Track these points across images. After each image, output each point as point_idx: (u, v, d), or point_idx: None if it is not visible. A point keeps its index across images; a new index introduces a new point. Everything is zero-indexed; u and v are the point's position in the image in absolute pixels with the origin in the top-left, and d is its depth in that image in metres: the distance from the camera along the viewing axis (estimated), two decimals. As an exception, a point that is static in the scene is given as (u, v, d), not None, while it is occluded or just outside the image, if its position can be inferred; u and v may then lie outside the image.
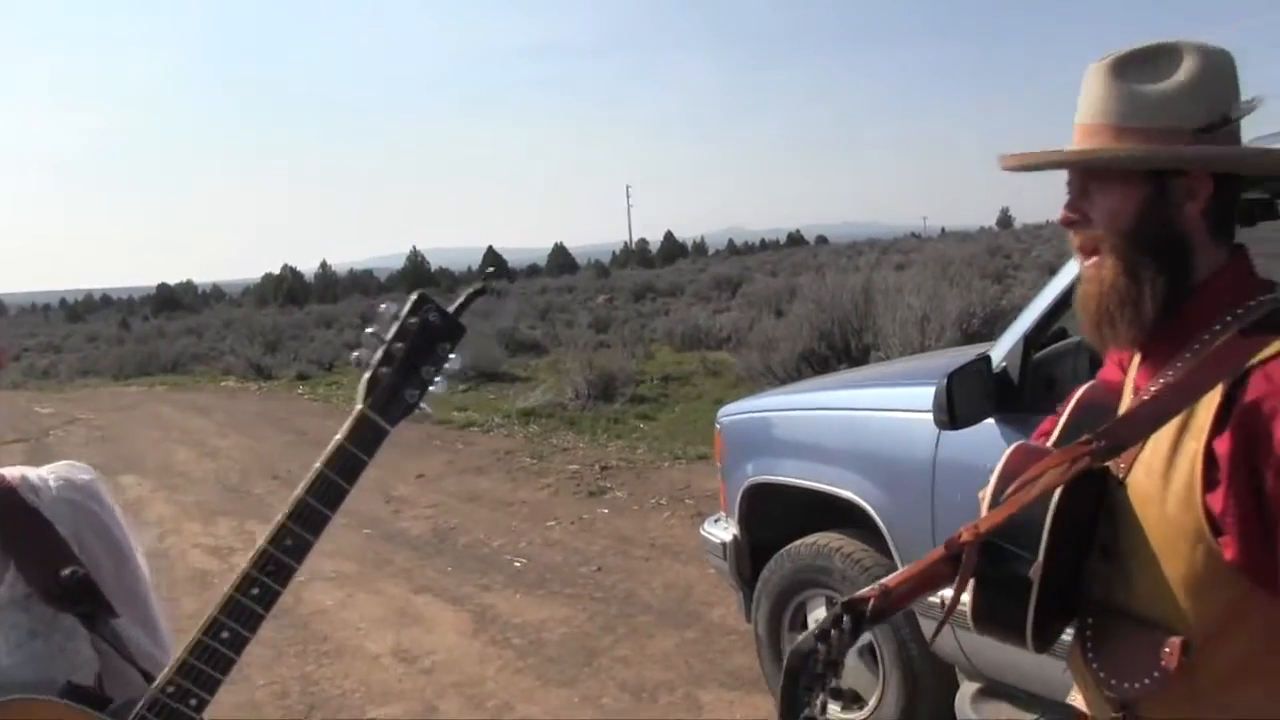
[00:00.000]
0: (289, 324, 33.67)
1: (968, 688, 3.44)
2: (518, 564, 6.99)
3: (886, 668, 3.69)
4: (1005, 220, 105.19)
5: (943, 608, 3.27)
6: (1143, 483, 1.37)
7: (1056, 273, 3.33)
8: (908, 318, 10.92)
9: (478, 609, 6.13)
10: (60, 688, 1.30)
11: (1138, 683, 1.36)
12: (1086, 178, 1.42)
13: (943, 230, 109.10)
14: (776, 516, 4.18)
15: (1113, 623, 1.41)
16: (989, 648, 3.10)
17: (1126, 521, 1.39)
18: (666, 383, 14.25)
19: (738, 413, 4.42)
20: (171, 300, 78.66)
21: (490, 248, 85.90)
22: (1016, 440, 1.62)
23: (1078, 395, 1.64)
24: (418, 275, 67.41)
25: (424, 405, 1.36)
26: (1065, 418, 1.59)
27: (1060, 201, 1.49)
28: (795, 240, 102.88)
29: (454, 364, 1.36)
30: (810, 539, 3.92)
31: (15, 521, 1.34)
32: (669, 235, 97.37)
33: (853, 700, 3.87)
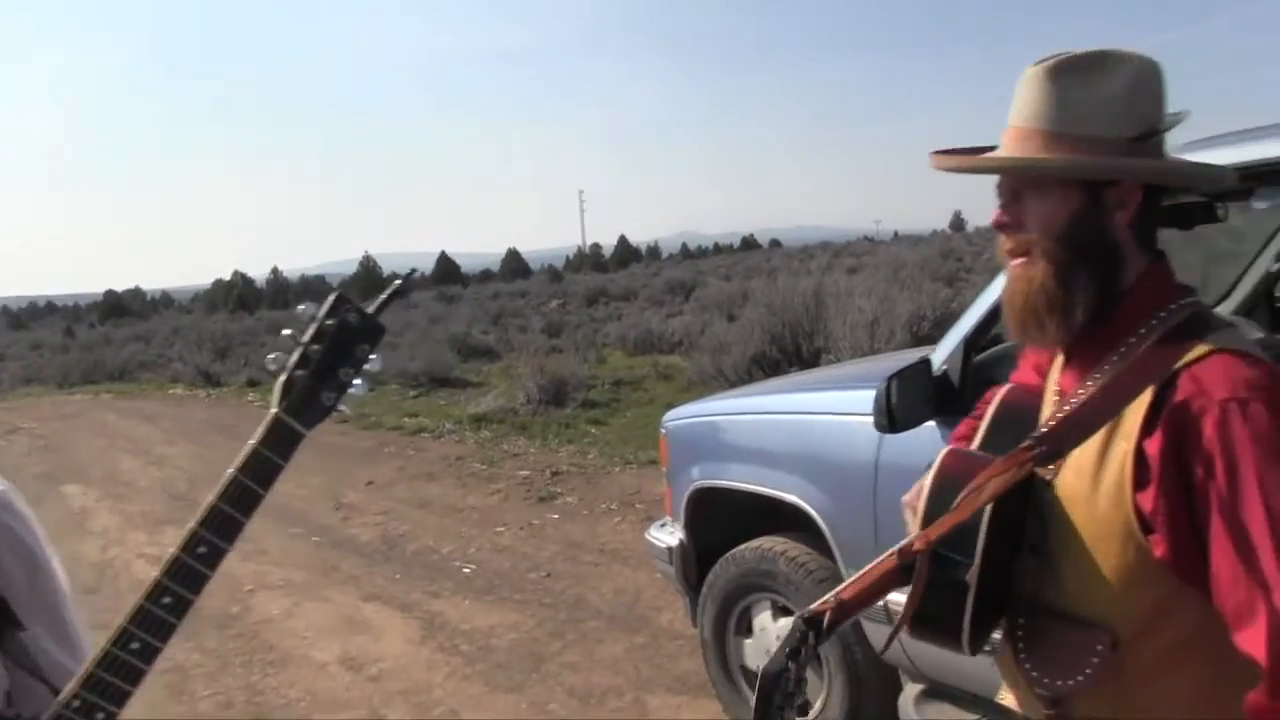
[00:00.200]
0: (239, 330, 33.33)
1: (911, 689, 3.44)
2: (467, 570, 6.95)
3: (831, 671, 3.69)
4: (958, 223, 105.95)
5: (886, 611, 3.27)
6: (1072, 483, 1.40)
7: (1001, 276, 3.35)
8: (858, 321, 11.00)
9: (426, 616, 6.09)
10: None
11: (1070, 680, 1.38)
12: (1020, 182, 1.44)
13: (895, 234, 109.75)
14: (722, 521, 4.17)
15: (1043, 622, 1.43)
16: (932, 650, 3.10)
17: (1055, 521, 1.41)
18: (618, 387, 14.25)
19: (683, 417, 4.40)
20: (119, 307, 77.61)
21: (443, 253, 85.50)
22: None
23: (998, 399, 1.65)
24: (370, 280, 67.00)
25: (342, 407, 1.34)
26: (988, 421, 1.61)
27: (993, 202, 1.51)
28: (749, 244, 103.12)
29: (374, 365, 1.35)
30: (755, 543, 3.91)
31: None
32: (623, 240, 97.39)
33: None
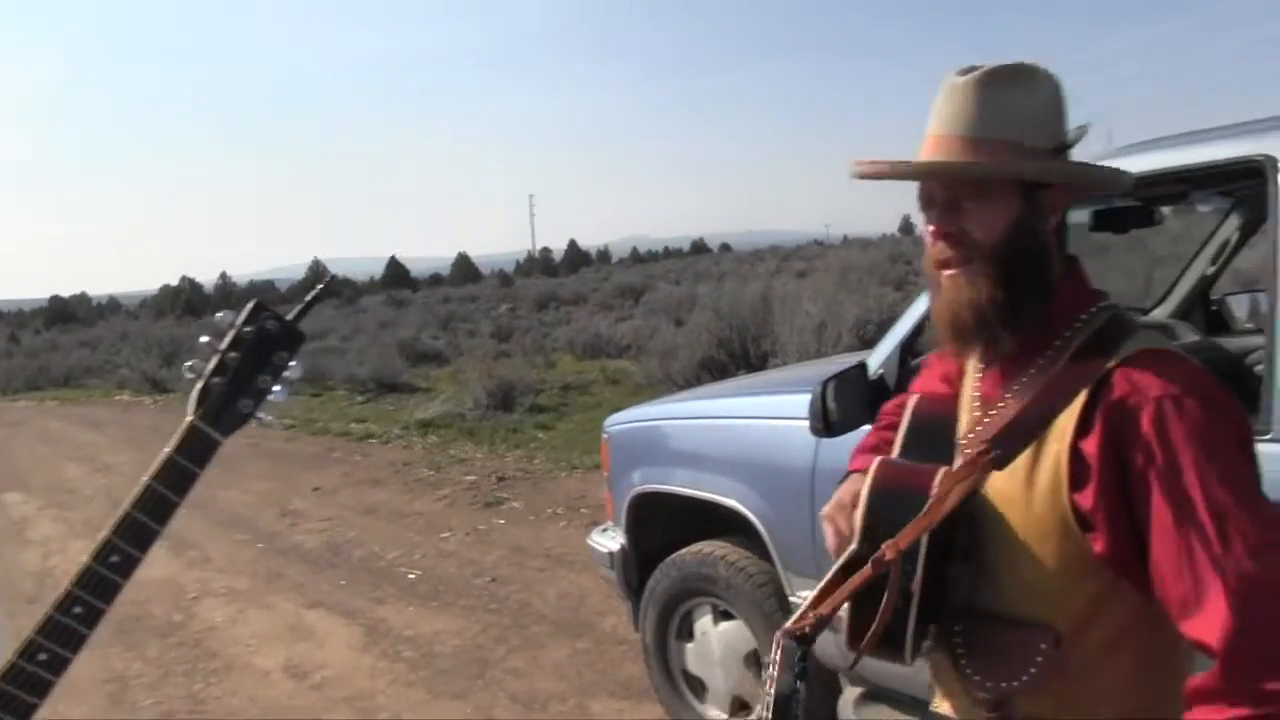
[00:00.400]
0: (187, 336, 32.95)
1: (850, 693, 3.46)
2: (412, 576, 6.91)
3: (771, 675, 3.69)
4: (907, 227, 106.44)
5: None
6: (1004, 487, 1.40)
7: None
8: (805, 325, 11.04)
9: (370, 622, 6.05)
10: None
11: (1015, 681, 1.39)
12: (963, 190, 1.41)
13: (845, 237, 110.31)
14: (663, 525, 4.16)
15: (982, 626, 1.44)
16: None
17: (988, 524, 1.42)
18: (566, 392, 14.24)
19: (624, 422, 4.40)
20: (65, 313, 76.60)
21: (393, 257, 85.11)
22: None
23: (909, 410, 1.64)
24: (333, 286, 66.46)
25: (262, 415, 1.33)
26: (905, 432, 1.60)
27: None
28: (699, 248, 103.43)
29: (294, 372, 1.34)
30: (695, 547, 3.91)
31: None
32: (573, 244, 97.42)
33: (740, 707, 3.87)
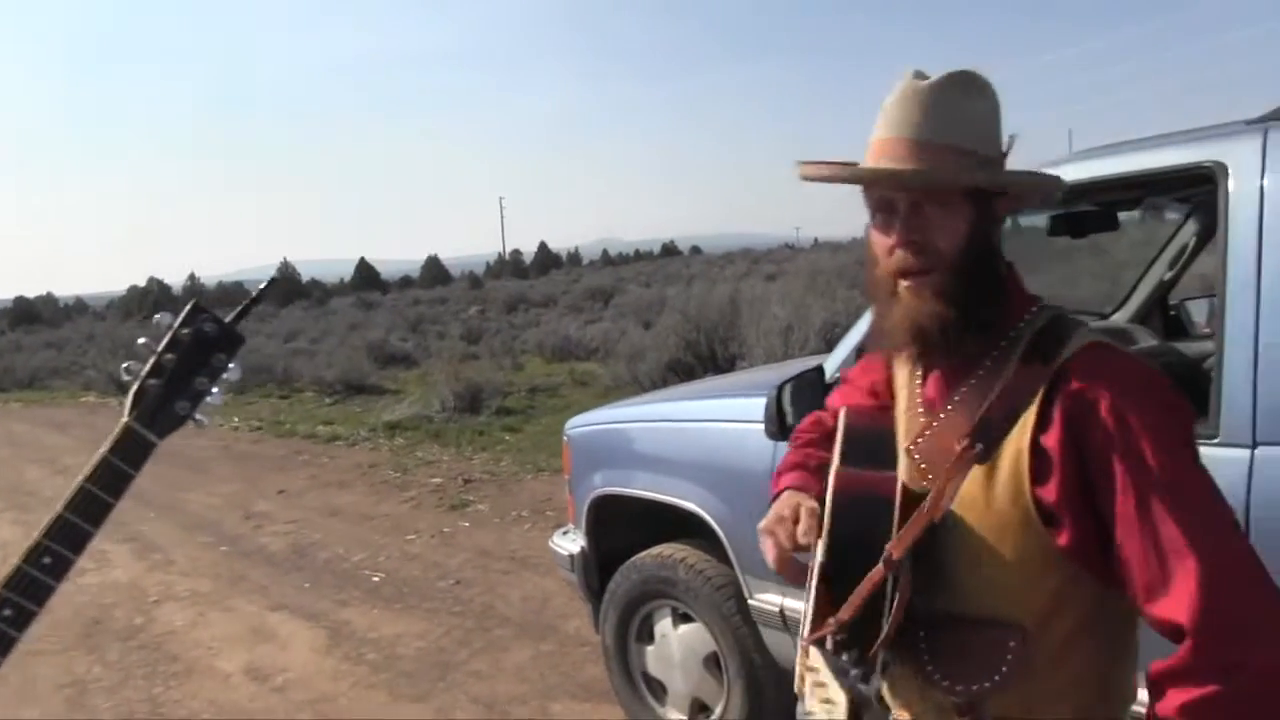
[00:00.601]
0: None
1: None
2: (376, 579, 6.88)
3: (731, 677, 3.71)
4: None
5: (783, 618, 3.30)
6: (961, 488, 1.41)
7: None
8: (772, 327, 11.07)
9: (333, 625, 6.02)
10: None
11: (986, 682, 1.39)
12: (924, 196, 1.41)
13: (815, 240, 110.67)
14: (623, 528, 4.17)
15: (947, 630, 1.43)
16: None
17: (945, 526, 1.41)
18: (534, 394, 14.24)
19: (586, 424, 4.39)
20: (30, 313, 75.88)
21: (363, 259, 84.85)
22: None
23: (842, 423, 1.64)
24: (289, 286, 66.22)
25: (199, 416, 1.33)
26: (842, 444, 1.59)
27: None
28: (670, 251, 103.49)
29: (232, 374, 1.34)
30: (654, 550, 3.92)
31: None
32: (543, 246, 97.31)
33: (699, 709, 3.88)
